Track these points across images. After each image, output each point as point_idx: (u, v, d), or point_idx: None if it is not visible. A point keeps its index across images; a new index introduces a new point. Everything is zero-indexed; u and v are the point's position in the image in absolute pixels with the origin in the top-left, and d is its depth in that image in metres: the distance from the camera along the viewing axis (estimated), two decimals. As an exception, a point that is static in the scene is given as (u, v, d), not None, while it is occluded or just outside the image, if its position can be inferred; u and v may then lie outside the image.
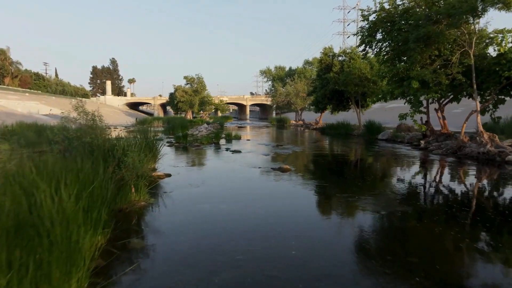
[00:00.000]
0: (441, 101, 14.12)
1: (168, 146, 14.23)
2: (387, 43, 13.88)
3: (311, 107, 30.74)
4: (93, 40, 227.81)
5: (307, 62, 51.82)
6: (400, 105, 45.82)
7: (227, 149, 12.82)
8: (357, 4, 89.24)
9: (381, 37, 14.07)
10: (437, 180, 7.80)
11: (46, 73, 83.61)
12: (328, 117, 36.10)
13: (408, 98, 13.70)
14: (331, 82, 23.17)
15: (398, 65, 12.63)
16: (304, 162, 10.73)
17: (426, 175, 8.50)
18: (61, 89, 71.71)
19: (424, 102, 14.09)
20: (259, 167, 8.70)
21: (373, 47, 14.70)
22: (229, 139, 18.06)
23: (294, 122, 47.78)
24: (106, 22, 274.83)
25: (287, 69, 57.50)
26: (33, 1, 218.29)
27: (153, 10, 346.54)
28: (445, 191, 6.59)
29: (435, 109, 14.66)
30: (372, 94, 21.43)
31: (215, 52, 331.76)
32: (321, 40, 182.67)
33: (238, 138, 18.29)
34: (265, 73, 59.78)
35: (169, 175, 7.49)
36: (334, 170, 9.38)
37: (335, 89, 23.53)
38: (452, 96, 13.77)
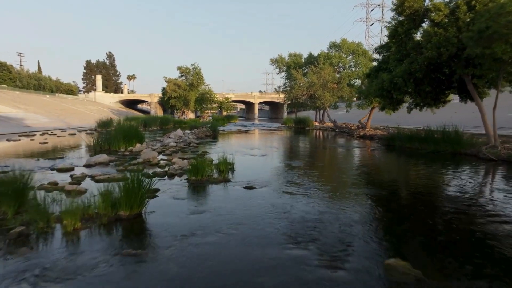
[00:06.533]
0: None
1: None
2: None
3: (376, 99, 17.90)
4: (93, 36, 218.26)
5: (333, 45, 39.16)
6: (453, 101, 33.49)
7: None
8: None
9: None
10: None
11: (20, 64, 72.58)
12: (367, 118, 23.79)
13: None
14: (430, 46, 10.88)
15: None
16: None
17: None
18: (35, 83, 60.60)
19: None
20: None
21: None
22: (199, 179, 6.17)
23: (317, 123, 35.56)
24: (106, 16, 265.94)
25: (305, 56, 44.90)
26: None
27: (157, 8, 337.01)
28: None
29: None
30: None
31: (222, 49, 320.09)
32: (340, 30, 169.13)
33: (225, 179, 6.40)
34: (277, 62, 47.13)
35: None
36: None
37: (434, 62, 11.29)
38: None
